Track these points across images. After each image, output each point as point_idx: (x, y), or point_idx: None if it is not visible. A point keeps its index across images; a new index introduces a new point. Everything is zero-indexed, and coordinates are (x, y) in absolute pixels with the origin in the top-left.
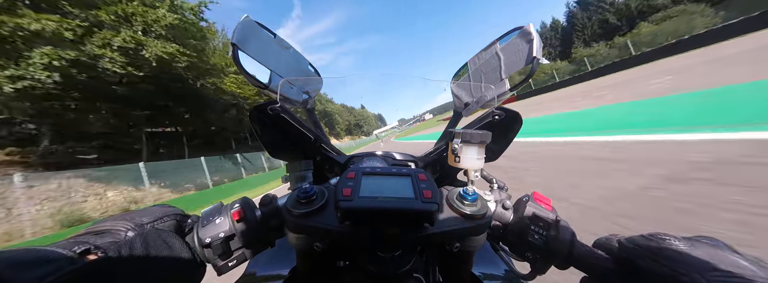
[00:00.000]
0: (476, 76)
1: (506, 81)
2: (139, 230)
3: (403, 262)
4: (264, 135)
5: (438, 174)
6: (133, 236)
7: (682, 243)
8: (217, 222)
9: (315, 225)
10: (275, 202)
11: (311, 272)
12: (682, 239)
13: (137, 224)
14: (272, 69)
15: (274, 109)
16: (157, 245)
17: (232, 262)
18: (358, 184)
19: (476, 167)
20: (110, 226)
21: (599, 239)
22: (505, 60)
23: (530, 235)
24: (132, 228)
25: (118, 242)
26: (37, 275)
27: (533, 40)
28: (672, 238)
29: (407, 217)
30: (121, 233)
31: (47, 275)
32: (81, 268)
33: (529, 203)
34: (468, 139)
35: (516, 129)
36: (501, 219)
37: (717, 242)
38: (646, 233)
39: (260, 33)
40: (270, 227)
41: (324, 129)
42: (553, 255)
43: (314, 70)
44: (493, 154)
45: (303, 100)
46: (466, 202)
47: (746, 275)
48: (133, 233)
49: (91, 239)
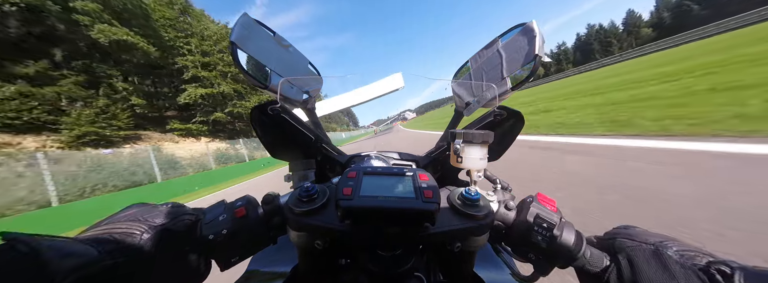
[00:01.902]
0: (477, 74)
1: (508, 80)
2: (153, 232)
3: (404, 261)
4: (264, 135)
5: (439, 174)
6: (148, 237)
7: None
8: (220, 219)
9: (316, 223)
10: (277, 200)
11: (312, 270)
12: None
13: (151, 226)
14: (272, 68)
15: (275, 110)
16: (168, 247)
17: (235, 258)
18: (359, 183)
19: (479, 168)
20: (126, 227)
21: (599, 237)
22: (506, 58)
23: (533, 236)
24: (146, 230)
25: (135, 244)
26: (70, 266)
27: (536, 37)
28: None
29: (408, 216)
30: (137, 234)
31: (78, 267)
32: (107, 267)
33: (533, 204)
34: (470, 140)
35: (518, 128)
36: (504, 220)
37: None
38: (623, 225)
39: (259, 31)
40: (272, 225)
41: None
42: (556, 257)
43: (314, 70)
44: (495, 154)
45: (303, 99)
46: (468, 202)
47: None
48: (148, 235)
49: (111, 238)
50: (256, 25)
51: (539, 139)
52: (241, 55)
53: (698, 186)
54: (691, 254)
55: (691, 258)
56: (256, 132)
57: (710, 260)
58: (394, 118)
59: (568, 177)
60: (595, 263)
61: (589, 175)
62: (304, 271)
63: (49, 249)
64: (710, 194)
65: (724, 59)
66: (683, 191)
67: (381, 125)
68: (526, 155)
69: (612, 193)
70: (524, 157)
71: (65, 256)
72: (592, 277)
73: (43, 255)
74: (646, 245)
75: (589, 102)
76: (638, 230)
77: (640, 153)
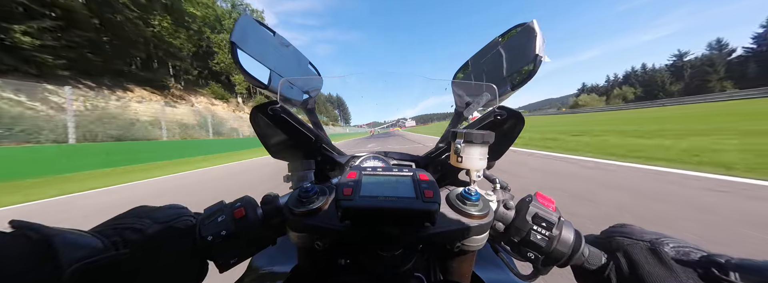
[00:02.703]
0: (478, 74)
1: (508, 79)
2: (156, 228)
3: (404, 261)
4: (264, 136)
5: (439, 174)
6: (151, 233)
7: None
8: (219, 220)
9: (316, 224)
10: (277, 201)
11: (312, 271)
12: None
13: (155, 222)
14: (272, 68)
15: (275, 110)
16: (170, 245)
17: (234, 260)
18: (359, 183)
19: (479, 167)
20: (131, 223)
21: (597, 235)
22: (507, 58)
23: (533, 235)
24: (150, 225)
25: (138, 239)
26: (77, 255)
27: (536, 36)
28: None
29: (408, 216)
30: (141, 229)
31: (84, 257)
32: (111, 257)
33: (532, 203)
34: (471, 140)
35: (518, 129)
36: (503, 219)
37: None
38: (618, 224)
39: (260, 31)
40: (271, 226)
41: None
42: (555, 256)
43: (315, 70)
44: (495, 154)
45: (303, 100)
46: (467, 202)
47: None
48: (151, 231)
49: (117, 232)
50: (257, 26)
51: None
52: (241, 55)
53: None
54: (686, 250)
55: (687, 254)
56: (255, 132)
57: (705, 255)
58: (392, 123)
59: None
60: (593, 261)
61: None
62: (303, 271)
63: (58, 238)
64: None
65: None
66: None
67: (378, 128)
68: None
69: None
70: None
71: (73, 245)
72: (591, 275)
73: (53, 243)
74: (643, 242)
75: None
76: (635, 228)
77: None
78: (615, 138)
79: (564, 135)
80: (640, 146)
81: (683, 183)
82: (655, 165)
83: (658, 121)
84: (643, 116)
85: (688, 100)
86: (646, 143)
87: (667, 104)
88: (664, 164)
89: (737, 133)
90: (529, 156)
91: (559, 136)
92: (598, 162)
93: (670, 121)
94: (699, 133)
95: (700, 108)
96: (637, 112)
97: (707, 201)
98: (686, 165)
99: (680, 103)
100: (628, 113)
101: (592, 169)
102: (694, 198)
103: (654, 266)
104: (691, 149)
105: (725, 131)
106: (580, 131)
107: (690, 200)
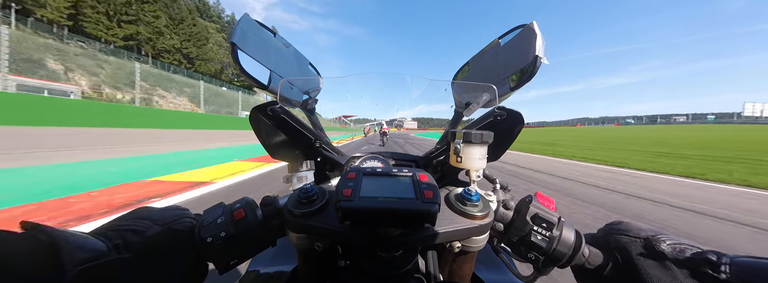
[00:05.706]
0: (477, 75)
1: (508, 80)
2: (156, 230)
3: (404, 262)
4: (264, 136)
5: (439, 174)
6: (152, 235)
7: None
8: (218, 222)
9: (315, 225)
10: (276, 202)
11: (312, 272)
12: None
13: (155, 223)
14: (272, 69)
15: (275, 110)
16: (170, 246)
17: (234, 261)
18: (359, 184)
19: (479, 168)
20: (133, 224)
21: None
22: (507, 58)
23: (533, 236)
24: (151, 226)
25: (140, 241)
26: (82, 257)
27: (536, 38)
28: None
29: (408, 217)
30: (142, 231)
31: (88, 259)
32: (113, 260)
33: (532, 204)
34: (470, 140)
35: (518, 129)
36: (503, 219)
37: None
38: (613, 221)
39: (260, 32)
40: (271, 227)
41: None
42: (556, 256)
43: (315, 71)
44: (494, 154)
45: (303, 100)
46: (467, 202)
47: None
48: (153, 233)
49: (120, 234)
50: (257, 26)
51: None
52: (241, 56)
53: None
54: (682, 246)
55: (683, 251)
56: (255, 132)
57: (699, 251)
58: (378, 123)
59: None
60: (593, 260)
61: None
62: (303, 272)
63: (64, 240)
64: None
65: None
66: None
67: (376, 125)
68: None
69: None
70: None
71: (78, 247)
72: (591, 274)
73: (60, 245)
74: (640, 239)
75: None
76: (631, 224)
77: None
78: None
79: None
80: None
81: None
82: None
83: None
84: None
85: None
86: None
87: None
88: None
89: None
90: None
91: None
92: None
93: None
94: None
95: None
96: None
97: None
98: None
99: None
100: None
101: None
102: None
103: (652, 263)
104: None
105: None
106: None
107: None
